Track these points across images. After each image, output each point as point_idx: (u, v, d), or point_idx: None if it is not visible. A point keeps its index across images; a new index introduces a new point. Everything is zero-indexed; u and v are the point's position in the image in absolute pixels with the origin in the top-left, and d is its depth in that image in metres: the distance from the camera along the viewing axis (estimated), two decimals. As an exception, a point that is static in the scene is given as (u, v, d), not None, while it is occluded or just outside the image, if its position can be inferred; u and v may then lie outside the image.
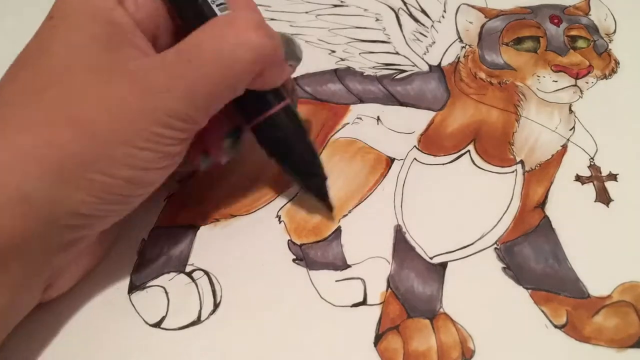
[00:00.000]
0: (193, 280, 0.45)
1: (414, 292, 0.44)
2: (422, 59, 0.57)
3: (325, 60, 0.58)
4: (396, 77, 0.56)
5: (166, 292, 0.44)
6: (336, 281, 0.44)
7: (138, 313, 0.43)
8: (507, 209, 0.48)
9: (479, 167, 0.50)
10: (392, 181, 0.49)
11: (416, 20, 0.60)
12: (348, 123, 0.53)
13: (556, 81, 0.54)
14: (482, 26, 0.58)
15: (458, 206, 0.48)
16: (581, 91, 0.54)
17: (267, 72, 0.40)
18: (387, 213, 0.48)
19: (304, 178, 0.46)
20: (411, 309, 0.43)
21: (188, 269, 0.46)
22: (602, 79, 0.55)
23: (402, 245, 0.46)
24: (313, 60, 0.57)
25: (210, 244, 0.47)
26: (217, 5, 0.41)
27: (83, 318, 0.43)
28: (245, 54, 0.37)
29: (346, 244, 0.46)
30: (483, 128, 0.52)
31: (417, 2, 0.61)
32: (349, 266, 0.45)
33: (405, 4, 0.61)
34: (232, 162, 0.49)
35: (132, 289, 0.45)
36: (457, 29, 0.59)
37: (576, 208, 0.48)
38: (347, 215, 0.48)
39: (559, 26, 0.56)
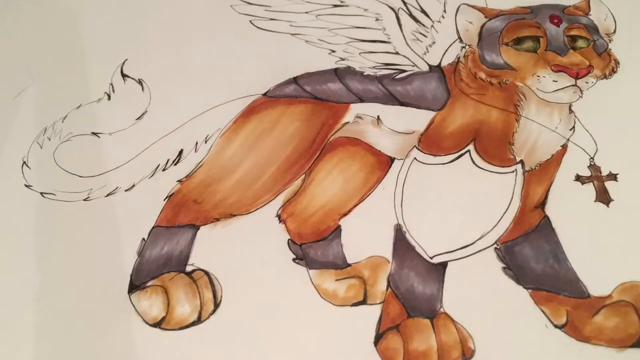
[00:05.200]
0: (193, 280, 0.45)
1: (414, 292, 0.44)
2: (422, 59, 0.57)
3: (325, 60, 0.57)
4: (396, 77, 0.56)
5: (166, 292, 0.44)
6: (336, 280, 0.44)
7: (138, 313, 0.43)
8: (507, 209, 0.48)
9: (479, 167, 0.50)
10: (392, 181, 0.49)
11: (416, 20, 0.60)
12: (348, 122, 0.53)
13: (556, 81, 0.53)
14: (482, 26, 0.58)
15: (458, 206, 0.48)
16: (581, 91, 0.54)
17: None
18: (387, 212, 0.48)
19: None
20: (411, 309, 0.43)
21: (188, 269, 0.46)
22: (602, 78, 0.55)
23: (402, 244, 0.46)
24: (313, 60, 0.57)
25: (211, 243, 0.47)
26: None
27: (83, 318, 0.43)
28: None
29: (346, 243, 0.46)
30: (483, 128, 0.52)
31: (417, 2, 0.61)
32: (349, 265, 0.45)
33: (405, 4, 0.61)
34: (231, 161, 0.49)
35: (132, 289, 0.45)
36: (457, 29, 0.59)
37: (576, 208, 0.48)
38: (347, 214, 0.48)
39: (559, 26, 0.56)
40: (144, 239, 0.47)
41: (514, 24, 0.56)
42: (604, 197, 0.48)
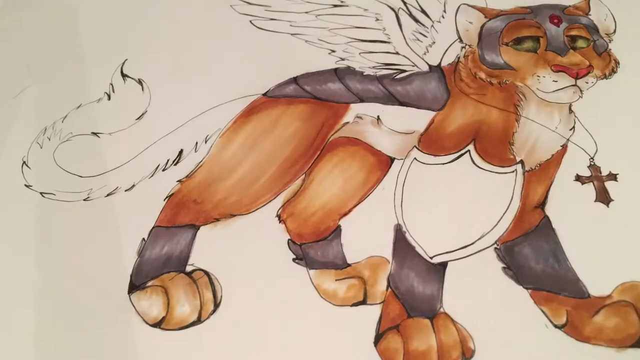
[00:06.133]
0: (193, 280, 0.45)
1: (414, 292, 0.44)
2: (422, 59, 0.57)
3: (325, 60, 0.58)
4: (396, 77, 0.56)
5: (166, 292, 0.44)
6: (336, 280, 0.44)
7: (138, 313, 0.43)
8: (507, 209, 0.48)
9: (479, 167, 0.50)
10: (392, 181, 0.49)
11: (416, 20, 0.60)
12: (348, 122, 0.53)
13: (556, 81, 0.53)
14: (482, 26, 0.58)
15: (458, 206, 0.48)
16: (581, 91, 0.54)
17: None
18: (387, 212, 0.48)
19: None
20: (411, 309, 0.43)
21: (188, 269, 0.46)
22: (602, 78, 0.55)
23: (402, 244, 0.46)
24: (313, 60, 0.57)
25: (211, 243, 0.47)
26: None
27: (83, 318, 0.43)
28: None
29: (346, 243, 0.46)
30: (483, 128, 0.52)
31: (417, 2, 0.61)
32: (349, 265, 0.45)
33: (405, 4, 0.61)
34: (231, 161, 0.49)
35: (132, 288, 0.45)
36: (457, 29, 0.59)
37: (576, 208, 0.48)
38: (347, 214, 0.48)
39: (559, 26, 0.56)
40: (144, 239, 0.47)
41: (514, 24, 0.56)
42: (604, 197, 0.48)
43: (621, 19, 0.59)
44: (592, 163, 0.50)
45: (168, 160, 0.52)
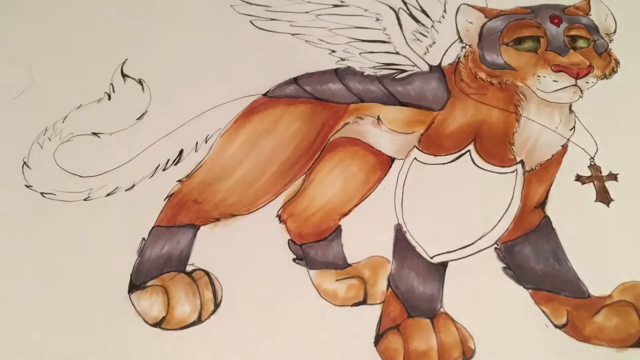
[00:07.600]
0: (194, 280, 0.45)
1: (414, 292, 0.44)
2: (423, 59, 0.57)
3: (325, 60, 0.57)
4: (396, 77, 0.56)
5: (166, 292, 0.44)
6: (337, 280, 0.44)
7: (138, 313, 0.43)
8: (507, 209, 0.48)
9: (479, 167, 0.50)
10: (393, 180, 0.49)
11: (416, 20, 0.60)
12: (348, 122, 0.53)
13: (556, 81, 0.53)
14: (483, 26, 0.58)
15: (458, 206, 0.48)
16: (581, 91, 0.54)
17: None
18: (388, 212, 0.48)
19: None
20: (411, 309, 0.43)
21: (188, 268, 0.46)
22: (602, 78, 0.55)
23: (402, 244, 0.46)
24: (313, 60, 0.57)
25: (211, 243, 0.47)
26: None
27: (83, 318, 0.43)
28: None
29: (347, 243, 0.46)
30: (483, 128, 0.52)
31: (417, 2, 0.61)
32: (350, 265, 0.45)
33: (405, 4, 0.61)
34: (232, 161, 0.49)
35: (132, 288, 0.45)
36: (457, 29, 0.59)
37: (577, 208, 0.48)
38: (347, 214, 0.48)
39: (559, 26, 0.56)
40: (144, 238, 0.47)
41: (514, 24, 0.56)
42: (604, 197, 0.48)
43: (621, 18, 0.59)
44: (593, 163, 0.50)
45: (168, 160, 0.52)
